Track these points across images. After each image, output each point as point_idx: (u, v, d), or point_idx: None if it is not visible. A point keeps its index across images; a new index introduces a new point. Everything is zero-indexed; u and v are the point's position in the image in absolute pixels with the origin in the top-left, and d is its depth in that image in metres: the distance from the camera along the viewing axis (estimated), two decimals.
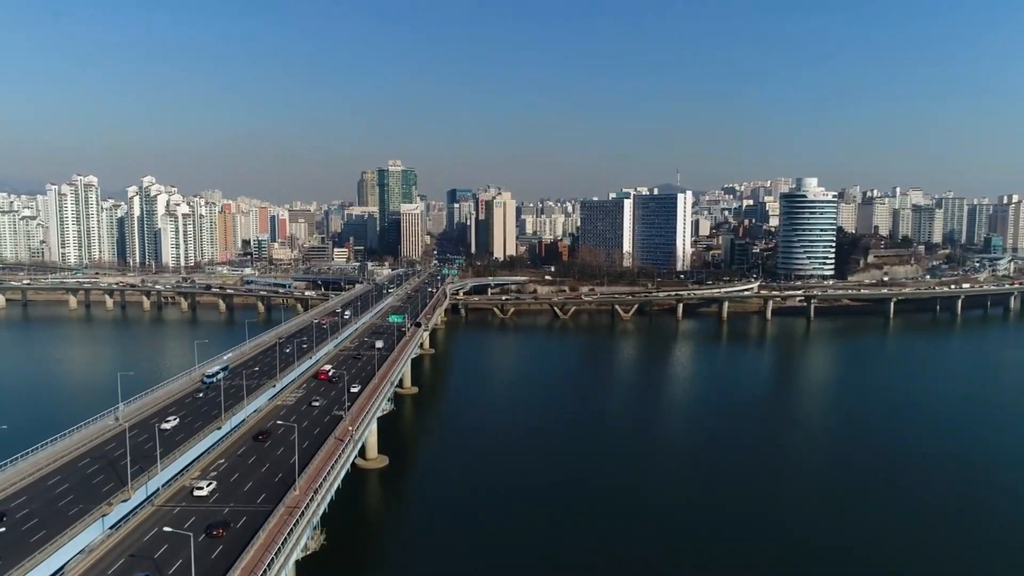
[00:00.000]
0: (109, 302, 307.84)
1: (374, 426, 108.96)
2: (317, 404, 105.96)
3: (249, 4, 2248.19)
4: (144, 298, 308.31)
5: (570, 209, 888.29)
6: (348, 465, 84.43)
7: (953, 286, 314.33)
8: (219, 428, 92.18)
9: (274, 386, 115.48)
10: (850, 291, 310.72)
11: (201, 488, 71.71)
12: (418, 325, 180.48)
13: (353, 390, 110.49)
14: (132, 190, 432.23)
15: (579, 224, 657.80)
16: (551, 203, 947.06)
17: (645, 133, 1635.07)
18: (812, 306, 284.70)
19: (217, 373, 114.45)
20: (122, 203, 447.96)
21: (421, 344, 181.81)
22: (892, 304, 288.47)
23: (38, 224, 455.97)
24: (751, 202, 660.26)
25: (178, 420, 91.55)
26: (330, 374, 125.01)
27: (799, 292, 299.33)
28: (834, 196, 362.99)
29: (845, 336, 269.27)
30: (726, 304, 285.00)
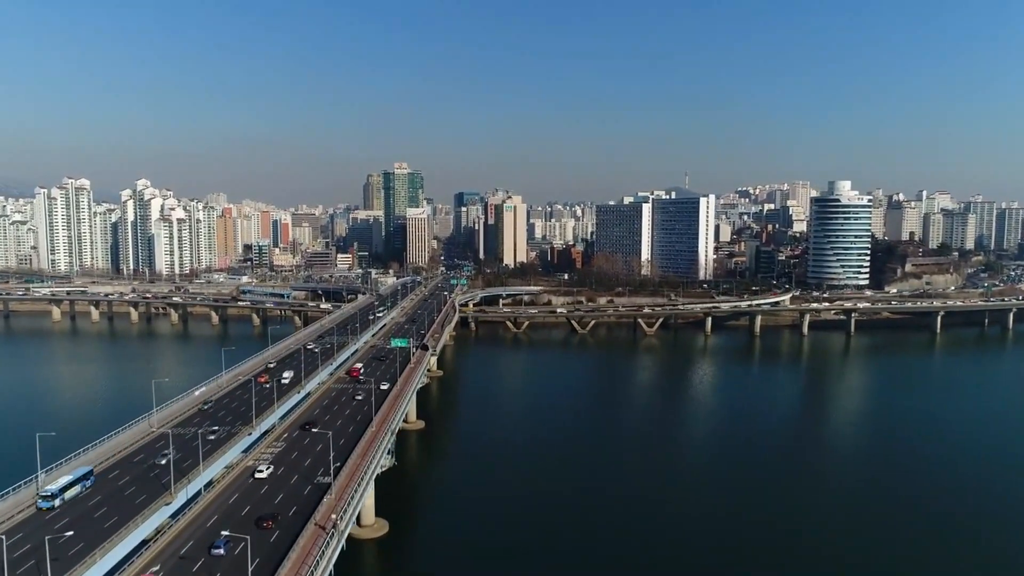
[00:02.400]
0: (95, 314, 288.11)
1: (371, 488, 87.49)
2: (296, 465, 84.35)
3: (254, 7, 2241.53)
4: (132, 309, 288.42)
5: (579, 213, 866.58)
6: (329, 568, 62.81)
7: (1021, 298, 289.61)
8: (168, 504, 71.09)
9: (250, 434, 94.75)
10: (895, 303, 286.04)
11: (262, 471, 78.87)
12: (425, 348, 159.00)
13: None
14: (126, 194, 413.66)
15: (591, 229, 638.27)
16: (560, 207, 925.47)
17: (652, 135, 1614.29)
18: (853, 320, 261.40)
19: (65, 488, 68.81)
20: (116, 207, 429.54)
21: (428, 368, 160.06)
22: (939, 318, 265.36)
23: (29, 229, 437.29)
24: (772, 206, 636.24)
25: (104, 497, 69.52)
26: (361, 373, 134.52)
27: (842, 305, 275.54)
28: (869, 200, 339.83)
29: (890, 353, 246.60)
30: (759, 318, 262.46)
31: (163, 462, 78.50)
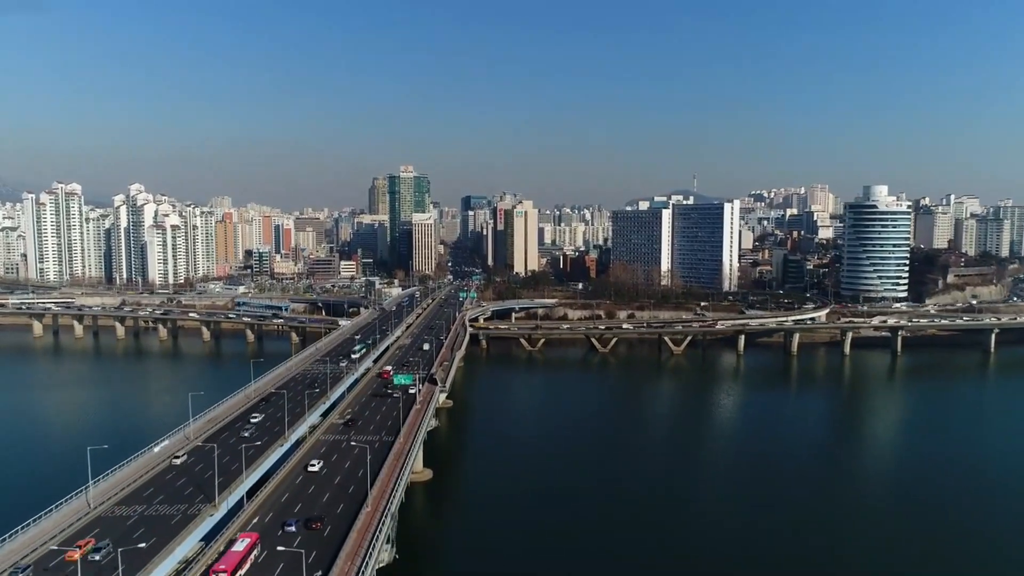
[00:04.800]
0: (78, 328, 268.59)
1: None
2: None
3: (260, 11, 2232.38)
4: (118, 324, 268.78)
5: (588, 216, 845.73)
6: None
7: None
8: None
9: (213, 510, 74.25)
10: (946, 320, 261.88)
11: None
12: (433, 381, 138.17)
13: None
14: (119, 199, 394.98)
15: (603, 234, 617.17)
16: (568, 210, 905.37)
17: (657, 137, 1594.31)
18: (900, 338, 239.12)
19: None
20: (110, 213, 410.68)
21: (437, 405, 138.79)
22: (993, 335, 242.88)
23: (19, 235, 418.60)
24: (794, 211, 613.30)
25: None
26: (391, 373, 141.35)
27: (886, 321, 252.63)
28: (909, 206, 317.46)
29: (944, 376, 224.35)
30: (796, 336, 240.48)
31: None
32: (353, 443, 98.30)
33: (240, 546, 65.08)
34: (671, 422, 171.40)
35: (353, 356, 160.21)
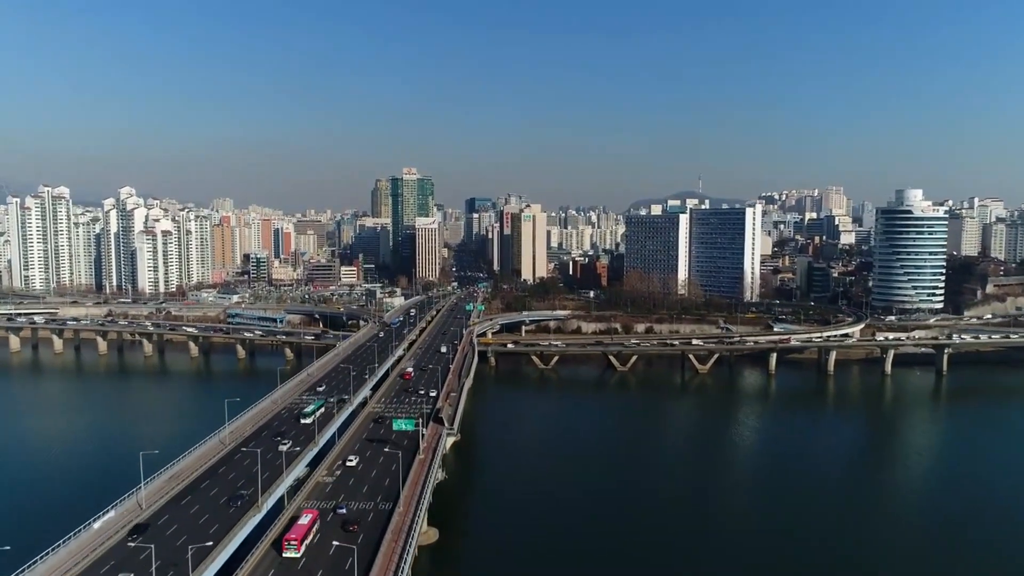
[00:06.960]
0: (57, 343, 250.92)
1: None
2: None
3: (260, 11, 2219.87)
4: (99, 339, 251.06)
5: (595, 218, 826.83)
6: None
7: None
8: None
9: None
10: (995, 335, 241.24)
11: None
12: (439, 421, 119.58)
13: None
14: (109, 203, 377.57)
15: (615, 239, 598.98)
16: (573, 212, 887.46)
17: (661, 138, 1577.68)
18: (946, 356, 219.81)
19: None
20: (101, 217, 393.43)
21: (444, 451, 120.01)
22: None
23: (5, 240, 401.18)
24: (814, 215, 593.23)
25: None
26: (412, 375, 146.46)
27: (932, 338, 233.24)
28: (945, 212, 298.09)
29: (996, 399, 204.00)
30: (833, 354, 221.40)
31: None
32: (341, 531, 77.83)
33: (305, 519, 73.17)
34: (704, 455, 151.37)
35: (304, 421, 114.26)
